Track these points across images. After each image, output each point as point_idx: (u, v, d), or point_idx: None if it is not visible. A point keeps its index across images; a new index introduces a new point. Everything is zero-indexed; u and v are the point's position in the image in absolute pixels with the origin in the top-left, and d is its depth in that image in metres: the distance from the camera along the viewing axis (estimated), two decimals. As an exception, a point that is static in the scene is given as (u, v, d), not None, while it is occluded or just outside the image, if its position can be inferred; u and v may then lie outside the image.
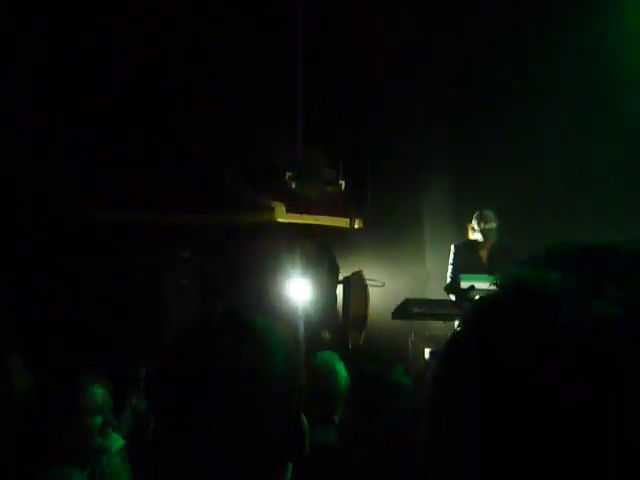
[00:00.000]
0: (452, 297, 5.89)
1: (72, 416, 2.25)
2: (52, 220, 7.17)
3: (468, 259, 6.02)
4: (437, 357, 0.57)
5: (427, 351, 6.40)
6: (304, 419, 1.13)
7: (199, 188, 7.82)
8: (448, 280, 6.01)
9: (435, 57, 7.60)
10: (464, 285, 5.32)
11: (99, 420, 2.34)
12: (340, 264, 7.56)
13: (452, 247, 6.24)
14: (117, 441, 2.82)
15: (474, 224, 6.01)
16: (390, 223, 7.96)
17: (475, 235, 6.02)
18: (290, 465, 1.11)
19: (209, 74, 7.92)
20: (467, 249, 6.09)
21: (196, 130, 7.94)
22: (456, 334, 0.56)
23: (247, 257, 7.90)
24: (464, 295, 5.30)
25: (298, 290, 7.24)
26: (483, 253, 6.06)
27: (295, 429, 1.10)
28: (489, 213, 6.00)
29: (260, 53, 7.85)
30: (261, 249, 7.99)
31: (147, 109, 7.66)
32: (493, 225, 5.95)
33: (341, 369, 3.27)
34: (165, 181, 7.67)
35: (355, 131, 8.31)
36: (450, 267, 6.13)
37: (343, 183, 8.21)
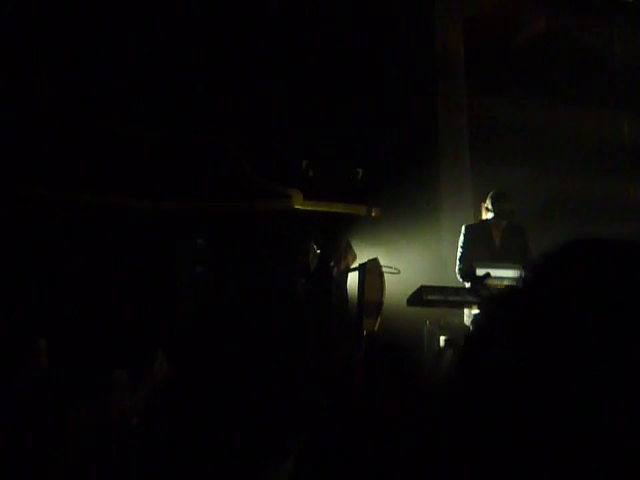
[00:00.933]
0: (467, 284, 5.84)
1: (105, 399, 2.28)
2: (66, 207, 7.24)
3: (480, 241, 5.93)
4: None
5: (442, 339, 6.38)
6: (321, 392, 1.17)
7: (216, 175, 7.84)
8: (457, 263, 5.93)
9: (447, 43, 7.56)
10: (480, 272, 5.29)
11: (126, 403, 2.38)
12: (356, 251, 7.55)
13: (463, 229, 6.11)
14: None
15: (488, 203, 5.92)
16: (406, 210, 7.93)
17: (488, 215, 5.93)
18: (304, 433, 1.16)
19: (226, 64, 7.93)
20: (479, 231, 5.99)
21: (213, 117, 7.96)
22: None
23: (264, 244, 7.92)
24: (480, 283, 5.27)
25: (314, 277, 7.26)
26: (496, 234, 5.97)
27: (315, 398, 1.17)
28: (505, 193, 5.92)
29: (278, 45, 7.86)
30: (278, 236, 8.01)
31: (165, 96, 7.68)
32: (509, 206, 5.87)
33: None
34: (182, 168, 7.71)
35: (371, 120, 8.29)
36: (460, 250, 6.02)
37: (360, 171, 8.20)
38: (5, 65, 7.09)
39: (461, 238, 6.03)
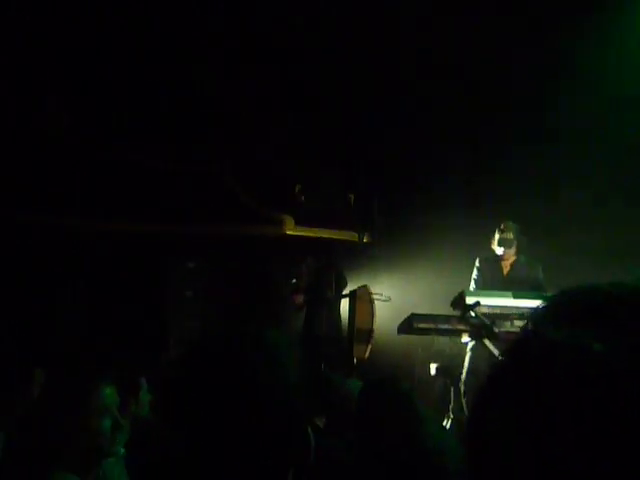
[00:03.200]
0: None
1: (80, 416, 2.21)
2: (58, 231, 7.23)
3: (491, 272, 6.02)
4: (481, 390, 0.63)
5: (433, 366, 6.37)
6: (309, 429, 1.18)
7: (207, 200, 7.86)
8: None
9: (444, 70, 7.61)
10: (470, 301, 5.30)
11: (108, 423, 2.31)
12: (348, 278, 7.55)
13: (477, 261, 6.20)
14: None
15: (495, 233, 6.02)
16: (398, 237, 7.95)
17: (495, 246, 6.01)
18: (292, 469, 1.17)
19: (219, 86, 7.98)
20: (491, 262, 6.09)
21: (205, 143, 7.99)
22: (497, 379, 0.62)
23: (255, 269, 7.92)
24: (470, 311, 5.28)
25: (305, 303, 7.25)
26: (505, 265, 6.05)
27: (300, 436, 1.16)
28: (510, 224, 6.00)
29: (272, 74, 7.92)
30: (269, 262, 8.01)
31: (157, 120, 7.72)
32: (510, 236, 5.94)
33: None
34: (173, 193, 7.72)
35: (364, 144, 8.34)
36: (472, 282, 6.11)
37: (352, 197, 8.22)
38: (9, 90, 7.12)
39: (474, 271, 6.12)
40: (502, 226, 5.99)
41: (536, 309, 0.64)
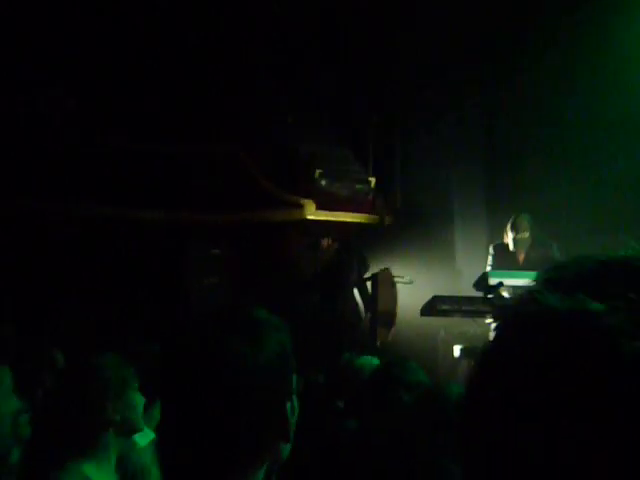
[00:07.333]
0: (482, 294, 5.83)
1: (113, 392, 2.31)
2: (83, 219, 7.30)
3: (506, 260, 5.99)
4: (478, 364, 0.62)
5: (457, 348, 6.37)
6: (289, 407, 1.20)
7: (229, 186, 7.89)
8: None
9: (465, 54, 7.52)
10: (493, 282, 5.28)
11: (138, 397, 2.42)
12: (370, 261, 7.56)
13: (490, 248, 6.18)
14: (147, 435, 2.86)
15: (508, 230, 5.97)
16: (420, 220, 7.93)
17: (510, 244, 5.97)
18: (280, 445, 1.21)
19: (240, 75, 7.98)
20: (505, 250, 6.06)
21: (226, 129, 8.01)
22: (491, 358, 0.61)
23: (277, 254, 7.95)
24: (493, 292, 5.26)
25: (327, 287, 7.27)
26: (520, 252, 6.01)
27: (278, 416, 1.18)
28: (523, 222, 5.92)
29: (293, 59, 7.90)
30: (291, 246, 8.04)
31: (179, 109, 7.74)
32: (525, 235, 5.88)
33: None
34: (195, 179, 7.75)
35: (385, 128, 8.31)
36: (488, 268, 6.09)
37: (373, 180, 8.21)
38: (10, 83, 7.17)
39: (489, 258, 6.10)
40: (516, 224, 5.90)
41: (534, 281, 0.64)
